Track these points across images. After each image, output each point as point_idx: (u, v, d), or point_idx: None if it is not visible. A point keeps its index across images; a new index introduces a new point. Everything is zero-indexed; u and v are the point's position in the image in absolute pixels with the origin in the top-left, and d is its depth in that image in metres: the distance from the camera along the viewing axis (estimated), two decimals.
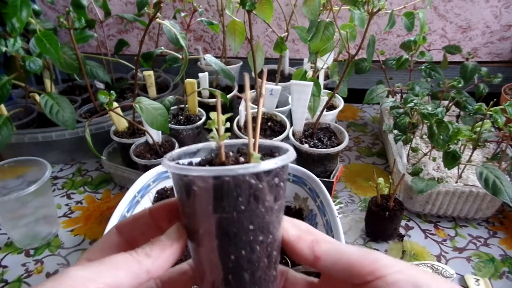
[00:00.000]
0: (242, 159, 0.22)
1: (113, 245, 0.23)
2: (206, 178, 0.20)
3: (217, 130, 0.22)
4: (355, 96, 0.96)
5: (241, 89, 0.91)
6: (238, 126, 0.73)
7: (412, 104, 0.64)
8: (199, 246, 0.22)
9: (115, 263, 0.20)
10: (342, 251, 0.22)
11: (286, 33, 0.76)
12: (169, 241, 0.22)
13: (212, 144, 0.25)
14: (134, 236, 0.24)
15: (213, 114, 0.22)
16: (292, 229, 0.24)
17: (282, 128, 0.74)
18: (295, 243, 0.23)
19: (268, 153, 0.24)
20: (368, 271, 0.21)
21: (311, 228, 0.25)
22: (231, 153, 0.23)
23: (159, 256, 0.21)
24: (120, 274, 0.20)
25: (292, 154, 0.22)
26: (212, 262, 0.22)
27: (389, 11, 0.61)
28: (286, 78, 0.95)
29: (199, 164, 0.23)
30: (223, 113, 0.22)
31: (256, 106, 0.79)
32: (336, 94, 0.73)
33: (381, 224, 0.60)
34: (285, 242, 0.24)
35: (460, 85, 0.73)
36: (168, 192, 0.57)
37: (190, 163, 0.24)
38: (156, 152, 0.69)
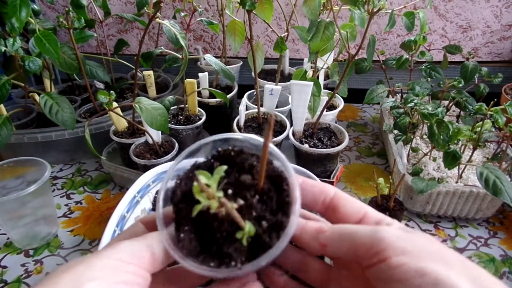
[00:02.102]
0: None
1: (140, 234, 0.25)
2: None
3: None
4: (355, 96, 0.96)
5: (242, 89, 0.91)
6: (238, 126, 0.73)
7: (412, 104, 0.64)
8: None
9: (155, 237, 0.24)
10: (346, 234, 0.22)
11: (286, 33, 0.76)
12: None
13: (210, 138, 0.26)
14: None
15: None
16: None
17: (282, 128, 0.74)
18: (300, 237, 0.24)
19: (276, 180, 0.24)
20: (372, 253, 0.21)
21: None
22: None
23: None
24: (156, 249, 0.23)
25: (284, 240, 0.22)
26: None
27: (389, 11, 0.61)
28: (286, 78, 0.94)
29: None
30: (223, 112, 0.22)
31: (255, 106, 0.78)
32: (336, 94, 0.73)
33: None
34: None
35: (460, 85, 0.73)
36: (168, 192, 0.57)
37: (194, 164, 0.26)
38: (156, 152, 0.69)
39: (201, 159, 0.26)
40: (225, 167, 0.23)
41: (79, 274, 0.21)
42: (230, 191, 0.23)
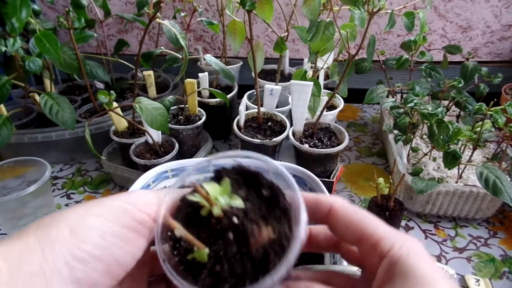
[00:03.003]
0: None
1: None
2: None
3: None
4: (355, 96, 0.96)
5: (242, 89, 0.91)
6: (238, 126, 0.73)
7: (412, 104, 0.64)
8: None
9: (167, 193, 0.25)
10: None
11: (286, 33, 0.76)
12: None
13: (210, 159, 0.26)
14: None
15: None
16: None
17: (282, 128, 0.74)
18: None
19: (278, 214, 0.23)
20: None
21: None
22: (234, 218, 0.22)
23: None
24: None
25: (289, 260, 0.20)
26: None
27: (389, 11, 0.61)
28: (286, 78, 0.94)
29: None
30: (223, 112, 0.22)
31: (255, 106, 0.78)
32: (336, 94, 0.73)
33: None
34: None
35: (460, 85, 0.73)
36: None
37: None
38: (156, 152, 0.69)
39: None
40: (228, 182, 0.22)
41: (86, 208, 0.22)
42: (235, 220, 0.22)
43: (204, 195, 0.22)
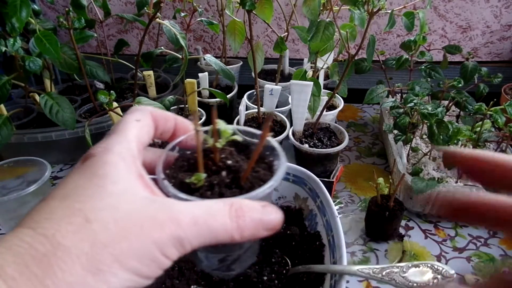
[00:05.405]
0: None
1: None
2: None
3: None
4: (355, 96, 0.96)
5: (242, 89, 0.91)
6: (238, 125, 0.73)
7: (412, 104, 0.64)
8: None
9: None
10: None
11: (286, 33, 0.76)
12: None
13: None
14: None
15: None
16: None
17: (282, 128, 0.74)
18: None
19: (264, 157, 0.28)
20: None
21: None
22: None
23: None
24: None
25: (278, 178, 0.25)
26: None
27: (389, 11, 0.61)
28: (286, 78, 0.94)
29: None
30: (223, 112, 0.23)
31: (255, 106, 0.78)
32: (336, 94, 0.73)
33: (381, 224, 0.60)
34: None
35: (460, 85, 0.73)
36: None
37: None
38: None
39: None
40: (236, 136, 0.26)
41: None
42: (229, 162, 0.26)
43: (215, 128, 0.25)
